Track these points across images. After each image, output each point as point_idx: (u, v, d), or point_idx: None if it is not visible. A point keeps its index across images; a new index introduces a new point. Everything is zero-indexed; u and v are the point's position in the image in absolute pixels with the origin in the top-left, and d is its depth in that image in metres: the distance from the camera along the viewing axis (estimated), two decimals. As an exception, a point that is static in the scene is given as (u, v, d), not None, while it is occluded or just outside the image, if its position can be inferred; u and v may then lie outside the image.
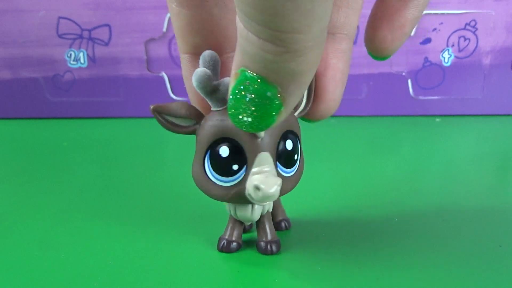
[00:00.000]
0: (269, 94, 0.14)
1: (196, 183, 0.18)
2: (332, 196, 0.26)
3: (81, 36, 0.44)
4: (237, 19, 0.14)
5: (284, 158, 0.18)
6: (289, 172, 0.18)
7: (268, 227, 0.20)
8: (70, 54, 0.44)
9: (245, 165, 0.17)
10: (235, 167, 0.17)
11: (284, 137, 0.18)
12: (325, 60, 0.18)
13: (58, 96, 0.45)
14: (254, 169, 0.17)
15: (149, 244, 0.21)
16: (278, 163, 0.18)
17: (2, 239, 0.21)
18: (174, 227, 0.22)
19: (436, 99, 0.46)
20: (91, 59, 0.44)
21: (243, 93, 0.14)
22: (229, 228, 0.20)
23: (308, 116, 0.19)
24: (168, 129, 0.17)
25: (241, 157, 0.17)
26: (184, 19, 0.17)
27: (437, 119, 0.46)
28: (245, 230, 0.21)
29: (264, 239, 0.20)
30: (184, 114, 0.17)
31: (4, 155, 0.36)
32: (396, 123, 0.44)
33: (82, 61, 0.44)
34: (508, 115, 0.47)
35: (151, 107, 0.17)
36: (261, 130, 0.15)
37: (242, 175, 0.17)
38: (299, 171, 0.19)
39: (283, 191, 0.18)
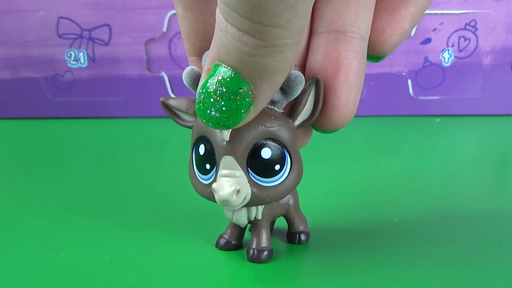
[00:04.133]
0: (240, 90, 0.14)
1: (189, 176, 0.19)
2: (332, 196, 0.26)
3: (81, 36, 0.44)
4: (217, 11, 0.14)
5: (258, 167, 0.17)
6: (268, 182, 0.17)
7: (261, 234, 0.19)
8: (70, 54, 0.44)
9: (215, 166, 0.17)
10: (207, 166, 0.17)
11: (259, 145, 0.17)
12: (336, 61, 0.17)
13: (58, 96, 0.45)
14: (223, 172, 0.17)
15: (149, 244, 0.21)
16: (250, 170, 0.17)
17: (2, 239, 0.21)
18: (174, 227, 0.22)
19: (436, 99, 0.46)
20: (91, 59, 0.44)
21: (214, 86, 0.14)
22: (230, 227, 0.20)
23: (320, 126, 0.18)
24: (174, 121, 0.19)
25: (211, 157, 0.17)
26: (189, 23, 0.17)
27: (437, 119, 0.46)
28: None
29: (253, 246, 0.19)
30: (184, 109, 0.18)
31: (4, 155, 0.36)
32: (396, 123, 0.44)
33: (82, 61, 0.44)
34: (508, 115, 0.47)
35: (161, 99, 0.18)
36: (228, 127, 0.15)
37: (213, 176, 0.17)
38: (290, 182, 0.17)
39: (259, 201, 0.17)
